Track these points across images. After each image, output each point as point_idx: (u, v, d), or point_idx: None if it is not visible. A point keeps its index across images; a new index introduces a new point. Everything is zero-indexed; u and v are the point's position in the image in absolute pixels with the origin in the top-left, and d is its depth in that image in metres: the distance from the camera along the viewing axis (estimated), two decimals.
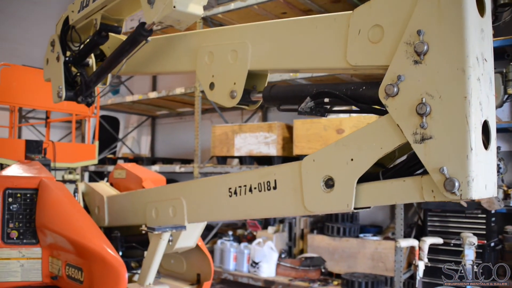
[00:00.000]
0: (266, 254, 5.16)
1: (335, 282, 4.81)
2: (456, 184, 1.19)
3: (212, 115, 7.62)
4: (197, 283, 2.77)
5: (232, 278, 5.37)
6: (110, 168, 7.09)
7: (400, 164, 1.46)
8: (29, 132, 8.69)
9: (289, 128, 5.50)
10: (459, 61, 1.20)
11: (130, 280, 2.70)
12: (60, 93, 2.54)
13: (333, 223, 5.08)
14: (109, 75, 2.61)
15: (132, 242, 2.90)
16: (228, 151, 5.68)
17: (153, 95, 6.62)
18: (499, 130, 4.78)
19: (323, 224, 5.27)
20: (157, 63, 2.30)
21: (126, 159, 7.19)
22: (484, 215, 4.23)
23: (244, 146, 5.53)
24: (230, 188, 1.91)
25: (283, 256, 5.31)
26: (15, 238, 2.54)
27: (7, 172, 2.64)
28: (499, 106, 4.46)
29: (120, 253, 2.84)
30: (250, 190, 1.81)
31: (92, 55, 2.54)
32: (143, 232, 2.40)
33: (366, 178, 1.45)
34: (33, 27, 9.24)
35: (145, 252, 3.01)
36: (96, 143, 4.71)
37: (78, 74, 2.52)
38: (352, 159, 1.44)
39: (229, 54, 1.85)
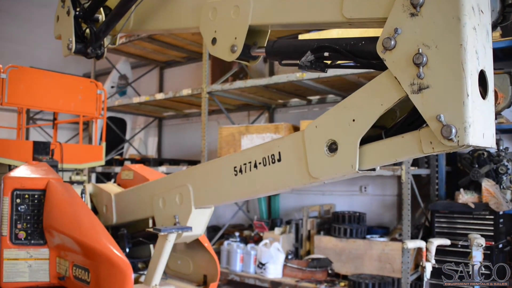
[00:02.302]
0: (273, 255, 5.15)
1: (342, 283, 4.80)
2: (453, 130, 1.21)
3: (219, 116, 7.62)
4: (204, 284, 2.78)
5: (238, 279, 5.37)
6: (117, 169, 7.12)
7: (401, 121, 1.48)
8: (37, 133, 8.75)
9: (296, 129, 5.50)
10: (454, 10, 1.22)
11: (137, 281, 2.71)
12: (70, 45, 2.59)
13: (340, 224, 5.06)
14: (118, 36, 2.68)
15: (138, 237, 2.90)
16: (235, 152, 5.68)
17: (160, 96, 6.64)
18: (507, 131, 4.77)
19: (330, 225, 5.26)
20: (162, 19, 2.34)
21: (133, 160, 7.21)
22: (492, 216, 4.20)
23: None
24: (235, 167, 1.94)
25: (289, 257, 5.30)
26: (23, 239, 2.55)
27: (15, 173, 2.66)
28: (507, 106, 4.43)
29: (127, 250, 2.85)
30: (255, 166, 1.84)
31: (102, 10, 2.60)
32: (150, 231, 2.41)
33: (370, 141, 1.47)
34: (40, 29, 9.29)
35: (151, 246, 3.03)
36: (103, 144, 4.72)
37: (88, 28, 2.58)
38: (353, 120, 1.46)
39: (232, 10, 1.89)
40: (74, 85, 4.38)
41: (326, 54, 1.60)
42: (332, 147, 1.53)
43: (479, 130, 1.25)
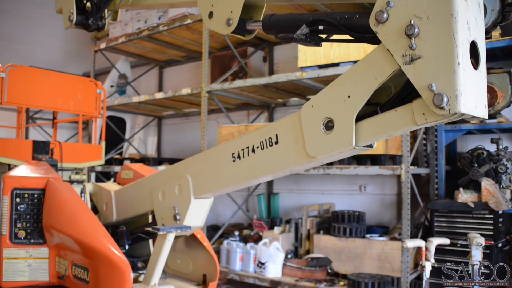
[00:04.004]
0: (273, 255, 5.16)
1: (342, 283, 4.80)
2: (445, 99, 1.23)
3: (218, 116, 7.62)
4: (203, 284, 2.78)
5: (238, 278, 5.37)
6: (116, 168, 7.11)
7: (395, 96, 1.49)
8: (36, 132, 8.74)
9: None
10: None
11: (136, 280, 2.71)
12: (71, 17, 2.65)
13: (340, 223, 5.06)
14: (119, 11, 2.75)
15: (137, 233, 2.90)
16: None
17: (159, 95, 6.64)
18: (507, 130, 4.77)
19: (329, 224, 5.26)
20: None
21: (133, 160, 7.21)
22: (491, 216, 4.20)
23: None
24: (233, 153, 1.96)
25: (289, 256, 5.30)
26: (22, 238, 2.56)
27: (15, 172, 2.66)
28: (507, 105, 4.44)
29: (127, 247, 2.85)
30: (253, 150, 1.86)
31: None
32: (149, 230, 2.41)
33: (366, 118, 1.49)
34: (40, 28, 9.30)
35: (151, 245, 3.03)
36: (103, 143, 4.72)
37: (89, 1, 2.65)
38: (349, 96, 1.48)
39: None
40: (74, 84, 4.37)
41: (320, 27, 1.62)
42: (329, 125, 1.55)
43: (471, 99, 1.27)
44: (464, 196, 4.37)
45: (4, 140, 3.65)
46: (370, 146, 1.55)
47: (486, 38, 1.39)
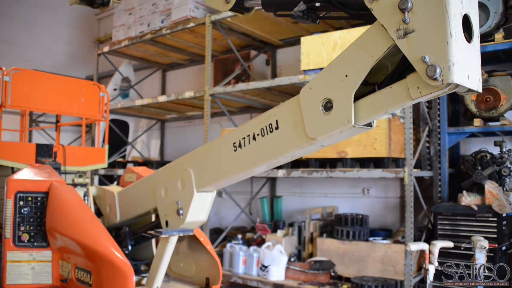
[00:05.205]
0: (276, 258, 5.15)
1: (345, 286, 4.79)
2: (438, 69, 1.25)
3: (221, 119, 7.63)
4: (206, 287, 2.78)
5: (241, 281, 5.37)
6: (119, 171, 7.12)
7: (391, 73, 1.51)
8: (40, 136, 8.77)
9: None
10: None
11: (139, 284, 2.71)
12: None
13: (343, 226, 5.06)
14: None
15: (140, 233, 2.90)
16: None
17: (162, 98, 6.64)
18: (510, 133, 4.76)
19: (332, 227, 5.25)
20: None
21: (136, 163, 7.22)
22: (495, 219, 4.18)
23: None
24: (234, 143, 1.97)
25: (292, 259, 5.29)
26: (26, 241, 2.56)
27: (18, 175, 2.67)
28: (510, 108, 4.43)
29: (130, 247, 2.84)
30: (254, 138, 1.88)
31: None
32: (151, 233, 2.41)
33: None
34: (43, 32, 9.34)
35: (154, 248, 3.02)
36: (106, 146, 4.73)
37: None
38: (346, 75, 1.50)
39: None
40: (77, 87, 4.39)
41: (317, 4, 1.64)
42: (328, 106, 1.57)
43: (464, 71, 1.29)
44: (468, 199, 4.36)
45: (7, 143, 3.67)
46: (370, 125, 1.57)
47: (489, 41, 1.41)
